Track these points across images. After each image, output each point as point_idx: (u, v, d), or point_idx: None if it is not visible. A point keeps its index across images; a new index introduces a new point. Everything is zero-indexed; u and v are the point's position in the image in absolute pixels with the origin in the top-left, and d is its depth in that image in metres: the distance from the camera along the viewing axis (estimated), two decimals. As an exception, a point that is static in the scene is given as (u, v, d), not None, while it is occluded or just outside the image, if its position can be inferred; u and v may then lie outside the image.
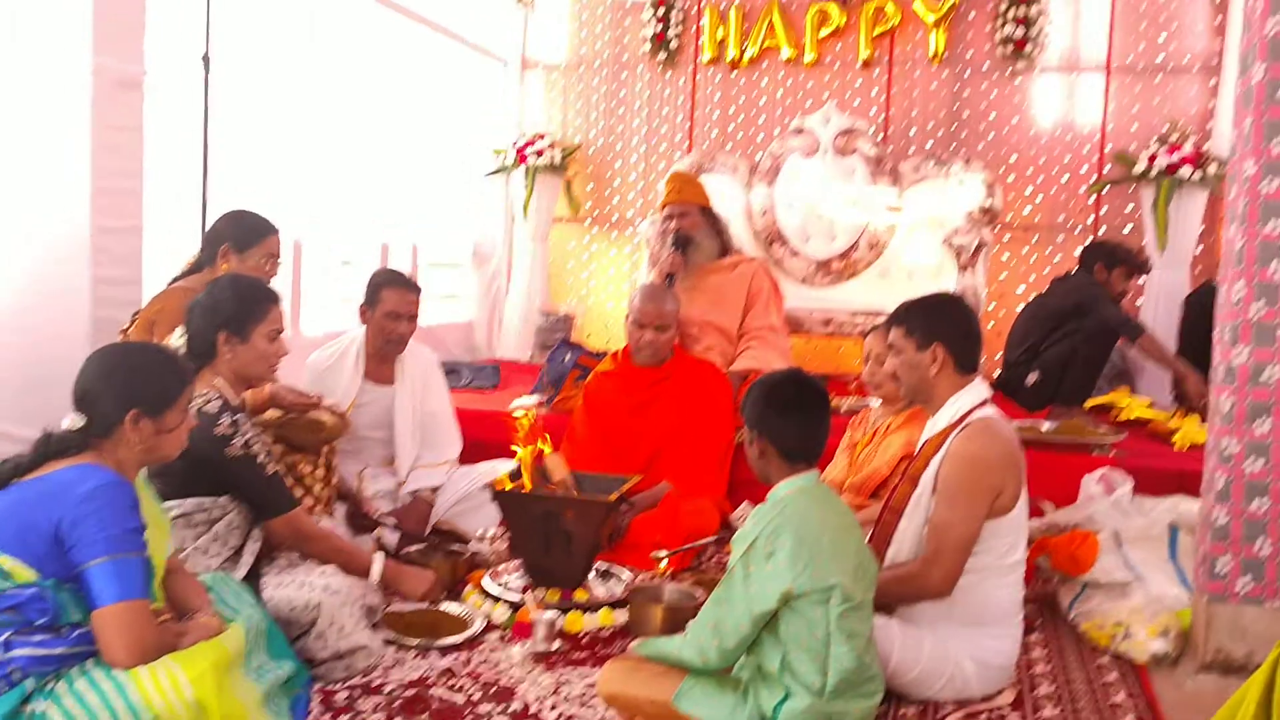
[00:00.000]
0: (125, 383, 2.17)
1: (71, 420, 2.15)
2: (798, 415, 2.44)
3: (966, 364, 2.73)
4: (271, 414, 3.15)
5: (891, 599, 2.66)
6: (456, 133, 7.13)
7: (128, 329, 3.50)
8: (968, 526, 2.58)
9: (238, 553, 2.75)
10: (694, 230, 5.15)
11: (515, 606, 3.17)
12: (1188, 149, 6.10)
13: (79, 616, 2.03)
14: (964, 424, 2.66)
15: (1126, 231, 6.54)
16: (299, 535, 2.83)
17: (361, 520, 3.58)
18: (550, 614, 2.97)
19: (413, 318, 3.99)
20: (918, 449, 2.81)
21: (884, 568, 2.68)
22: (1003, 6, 6.65)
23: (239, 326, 2.81)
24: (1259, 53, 2.72)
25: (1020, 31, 6.59)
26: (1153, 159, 6.16)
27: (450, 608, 3.14)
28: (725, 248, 5.30)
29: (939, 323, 2.73)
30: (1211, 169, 6.04)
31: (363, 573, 2.89)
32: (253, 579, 2.72)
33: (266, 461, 2.76)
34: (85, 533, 1.99)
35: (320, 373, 3.97)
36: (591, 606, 3.22)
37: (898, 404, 3.71)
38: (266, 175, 5.08)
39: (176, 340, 2.96)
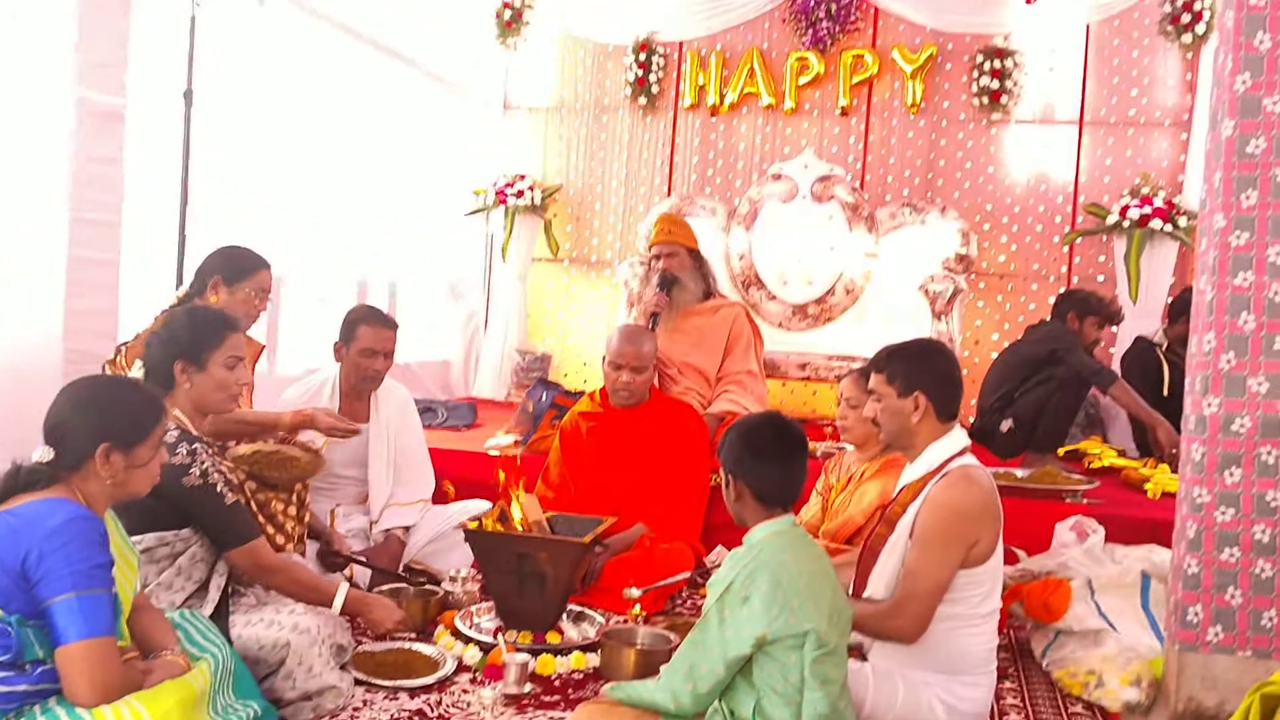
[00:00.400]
0: (97, 416, 2.15)
1: (41, 453, 2.12)
2: (775, 459, 2.44)
3: (947, 412, 2.73)
4: (245, 449, 3.12)
5: (862, 632, 2.66)
6: (437, 172, 7.16)
7: (115, 359, 3.47)
8: (940, 574, 2.57)
9: (203, 587, 2.71)
10: (680, 271, 5.19)
11: (487, 648, 3.14)
12: (1159, 201, 6.19)
13: (43, 653, 1.99)
14: (943, 471, 2.66)
15: (1100, 281, 6.62)
16: (259, 567, 2.76)
17: (333, 558, 3.55)
18: (522, 656, 2.94)
19: (389, 354, 3.97)
20: (895, 493, 2.81)
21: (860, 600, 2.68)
22: (979, 59, 6.77)
23: (195, 355, 2.77)
24: (1228, 109, 2.78)
25: (996, 84, 6.70)
26: (1125, 210, 6.25)
27: (421, 648, 3.10)
28: (709, 291, 5.34)
29: (921, 370, 2.73)
30: (1182, 221, 6.14)
31: (326, 603, 2.83)
32: (221, 614, 2.68)
33: (225, 491, 2.71)
34: (52, 567, 1.96)
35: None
36: (564, 649, 3.19)
37: (871, 449, 3.71)
38: (245, 210, 5.08)
39: (135, 373, 2.94)
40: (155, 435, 2.21)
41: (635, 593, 3.38)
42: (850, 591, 2.70)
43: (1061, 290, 5.75)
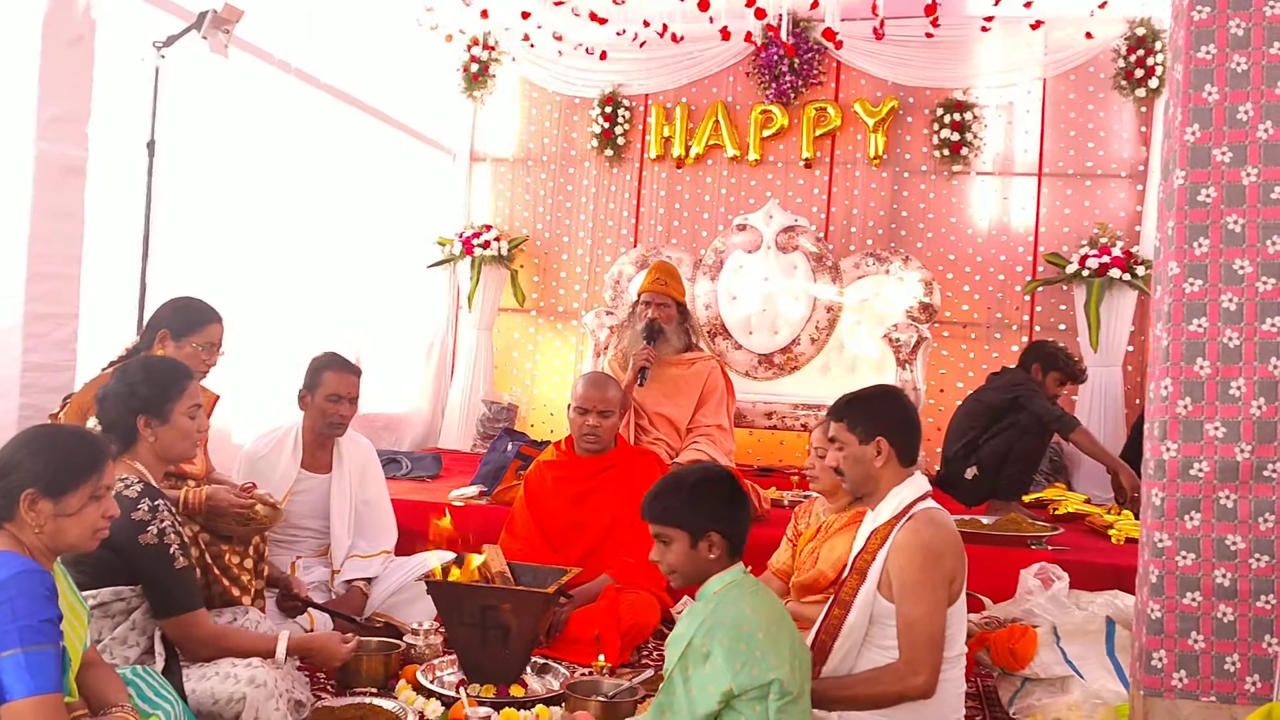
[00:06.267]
0: (26, 462, 2.10)
1: None
2: (745, 505, 2.45)
3: (909, 456, 2.73)
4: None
5: (869, 706, 2.57)
6: (403, 222, 7.16)
7: (58, 414, 3.42)
8: (935, 618, 2.54)
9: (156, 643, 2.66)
10: (667, 323, 5.25)
11: (449, 702, 3.09)
12: (1117, 251, 6.30)
13: (-13, 711, 1.94)
14: (908, 515, 2.66)
15: (1061, 329, 6.70)
16: (191, 639, 2.65)
17: (291, 601, 3.49)
18: (485, 710, 2.90)
19: (353, 400, 3.96)
20: (862, 541, 2.79)
21: (855, 674, 2.61)
22: (939, 112, 6.89)
23: (158, 408, 2.73)
24: (1179, 160, 2.83)
25: (956, 136, 6.82)
26: (1084, 260, 6.35)
27: (382, 703, 3.04)
28: (689, 344, 5.38)
29: (882, 416, 2.74)
30: (1140, 270, 6.24)
31: (268, 655, 2.72)
32: (172, 670, 2.62)
33: (178, 555, 2.63)
34: (-3, 623, 1.91)
35: (256, 461, 3.91)
36: (528, 702, 3.14)
37: (840, 498, 3.69)
38: (208, 262, 5.05)
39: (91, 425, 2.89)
40: (88, 485, 2.14)
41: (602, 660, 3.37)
42: (811, 643, 2.66)
43: (1032, 341, 5.76)
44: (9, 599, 1.93)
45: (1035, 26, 6.49)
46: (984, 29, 6.42)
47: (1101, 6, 6.18)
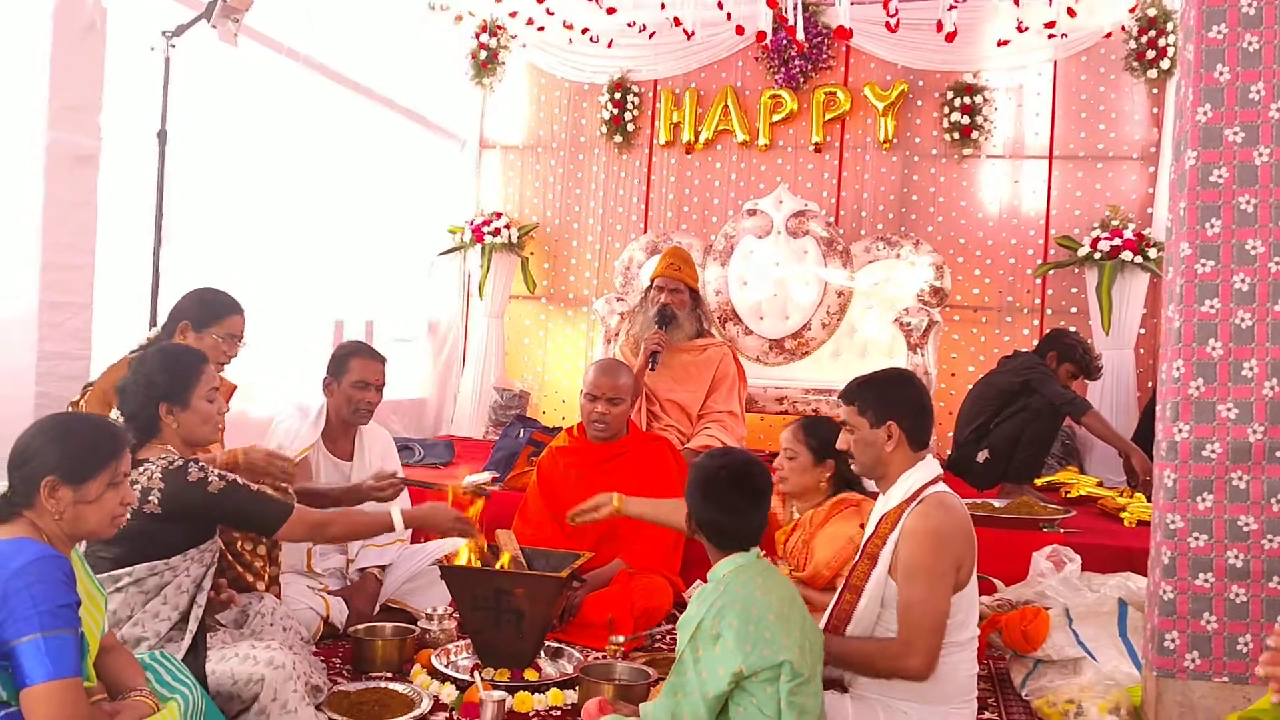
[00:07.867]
0: (46, 450, 2.11)
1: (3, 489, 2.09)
2: (729, 509, 2.46)
3: (920, 440, 2.73)
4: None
5: (869, 672, 2.60)
6: (413, 210, 7.18)
7: (79, 401, 3.44)
8: (936, 603, 2.54)
9: (185, 618, 2.69)
10: (680, 309, 5.25)
11: (464, 686, 3.11)
12: (1129, 234, 6.27)
13: (7, 695, 1.96)
14: (919, 499, 2.66)
15: (1073, 313, 6.68)
16: (312, 527, 2.86)
17: (388, 480, 3.54)
18: (499, 694, 2.91)
19: (379, 387, 3.98)
20: (873, 526, 2.79)
21: (858, 639, 2.63)
22: (949, 95, 6.86)
23: (178, 395, 2.77)
24: (1190, 140, 2.82)
25: (966, 119, 6.79)
26: (1095, 243, 6.33)
27: (397, 688, 3.07)
28: (701, 330, 5.38)
29: (894, 400, 2.73)
30: (1152, 253, 6.21)
31: (387, 527, 3.00)
32: (197, 646, 2.65)
33: (244, 484, 2.75)
34: (16, 608, 1.92)
35: (280, 440, 3.92)
36: (541, 686, 3.17)
37: (807, 500, 3.60)
38: (220, 251, 5.07)
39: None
40: (108, 471, 2.15)
41: (619, 639, 3.38)
42: (824, 628, 2.66)
43: (1054, 330, 5.70)
44: (28, 585, 1.94)
45: (1049, 26, 6.46)
46: (1000, 46, 6.41)
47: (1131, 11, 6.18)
